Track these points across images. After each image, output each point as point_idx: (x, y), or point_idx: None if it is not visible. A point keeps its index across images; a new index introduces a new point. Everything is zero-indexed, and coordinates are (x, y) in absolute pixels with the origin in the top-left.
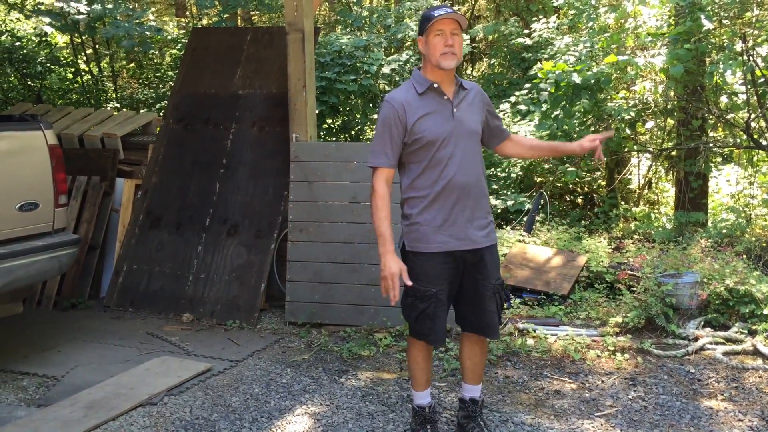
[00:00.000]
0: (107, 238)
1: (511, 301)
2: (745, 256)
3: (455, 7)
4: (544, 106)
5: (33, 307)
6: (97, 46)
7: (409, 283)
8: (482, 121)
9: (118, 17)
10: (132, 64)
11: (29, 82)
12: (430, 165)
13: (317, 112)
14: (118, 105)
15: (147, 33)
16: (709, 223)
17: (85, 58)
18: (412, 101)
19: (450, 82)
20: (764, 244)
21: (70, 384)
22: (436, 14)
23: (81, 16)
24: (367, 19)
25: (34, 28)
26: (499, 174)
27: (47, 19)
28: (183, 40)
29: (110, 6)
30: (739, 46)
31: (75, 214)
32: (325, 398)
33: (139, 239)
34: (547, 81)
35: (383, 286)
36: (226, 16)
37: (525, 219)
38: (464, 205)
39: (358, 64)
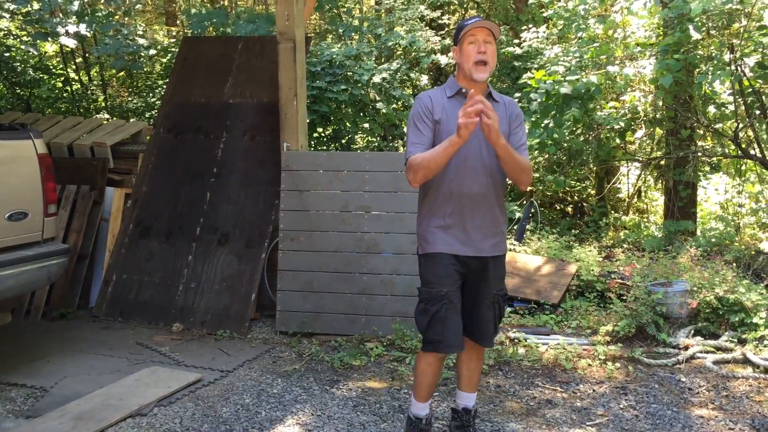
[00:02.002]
0: (97, 248)
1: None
2: (734, 264)
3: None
4: (534, 117)
5: (22, 317)
6: (87, 55)
7: (480, 105)
8: (506, 133)
9: (111, 32)
10: (122, 73)
11: (18, 91)
12: (444, 169)
13: (308, 121)
14: (108, 114)
15: (136, 51)
16: (698, 232)
17: (74, 66)
18: (439, 101)
19: (480, 92)
20: (753, 253)
21: (59, 395)
22: (469, 23)
23: (71, 41)
24: (358, 30)
25: (24, 35)
26: None
27: (31, 39)
28: (173, 49)
29: (102, 21)
30: (727, 57)
31: (64, 224)
32: (316, 408)
33: (128, 249)
34: (538, 90)
35: (475, 118)
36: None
37: (515, 228)
38: (473, 213)
39: (348, 74)
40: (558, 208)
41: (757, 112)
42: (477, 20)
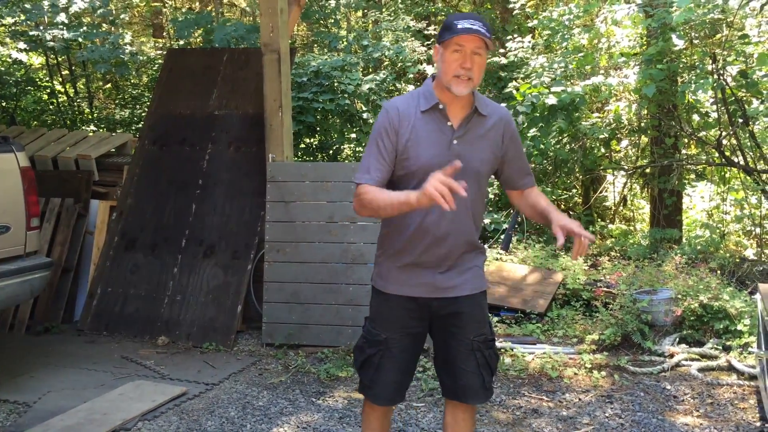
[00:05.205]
0: (81, 261)
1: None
2: (718, 271)
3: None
4: (521, 128)
5: (5, 331)
6: (73, 67)
7: (463, 192)
8: (495, 159)
9: (96, 41)
10: (108, 85)
11: (3, 104)
12: None
13: (295, 131)
14: (94, 126)
15: (123, 57)
16: (684, 240)
17: (61, 79)
18: (412, 115)
19: (463, 106)
20: (737, 260)
21: (43, 410)
22: (459, 26)
23: (56, 44)
24: (345, 40)
25: (12, 49)
26: None
27: (22, 45)
28: (160, 61)
29: (85, 29)
30: (709, 66)
31: (49, 237)
32: (302, 421)
33: (113, 261)
34: (524, 102)
35: (437, 198)
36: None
37: (502, 237)
38: (447, 250)
39: (335, 84)
40: None
41: (740, 120)
42: (470, 24)
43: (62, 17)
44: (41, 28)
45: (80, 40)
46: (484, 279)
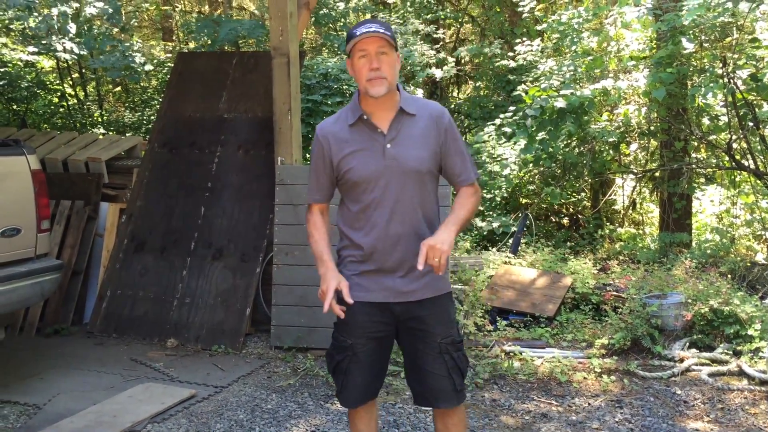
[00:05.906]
0: (91, 263)
1: (498, 324)
2: (729, 276)
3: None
4: (530, 131)
5: (15, 333)
6: (83, 70)
7: (350, 300)
8: (436, 155)
9: (107, 47)
10: (118, 88)
11: (14, 107)
12: (358, 209)
13: (304, 134)
14: (104, 129)
15: (133, 65)
16: (694, 244)
17: (71, 82)
18: (340, 133)
19: (388, 109)
20: (748, 264)
21: (52, 412)
22: (357, 33)
23: (67, 55)
24: None
25: (22, 52)
26: (485, 195)
27: (33, 48)
28: (169, 64)
29: (99, 37)
30: (719, 70)
31: (58, 239)
32: (311, 424)
33: (123, 264)
34: (533, 105)
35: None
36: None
37: (511, 240)
38: (393, 254)
39: (344, 87)
40: (553, 220)
41: (750, 124)
42: (366, 29)
43: (73, 28)
44: (51, 35)
45: (91, 47)
46: (447, 281)
